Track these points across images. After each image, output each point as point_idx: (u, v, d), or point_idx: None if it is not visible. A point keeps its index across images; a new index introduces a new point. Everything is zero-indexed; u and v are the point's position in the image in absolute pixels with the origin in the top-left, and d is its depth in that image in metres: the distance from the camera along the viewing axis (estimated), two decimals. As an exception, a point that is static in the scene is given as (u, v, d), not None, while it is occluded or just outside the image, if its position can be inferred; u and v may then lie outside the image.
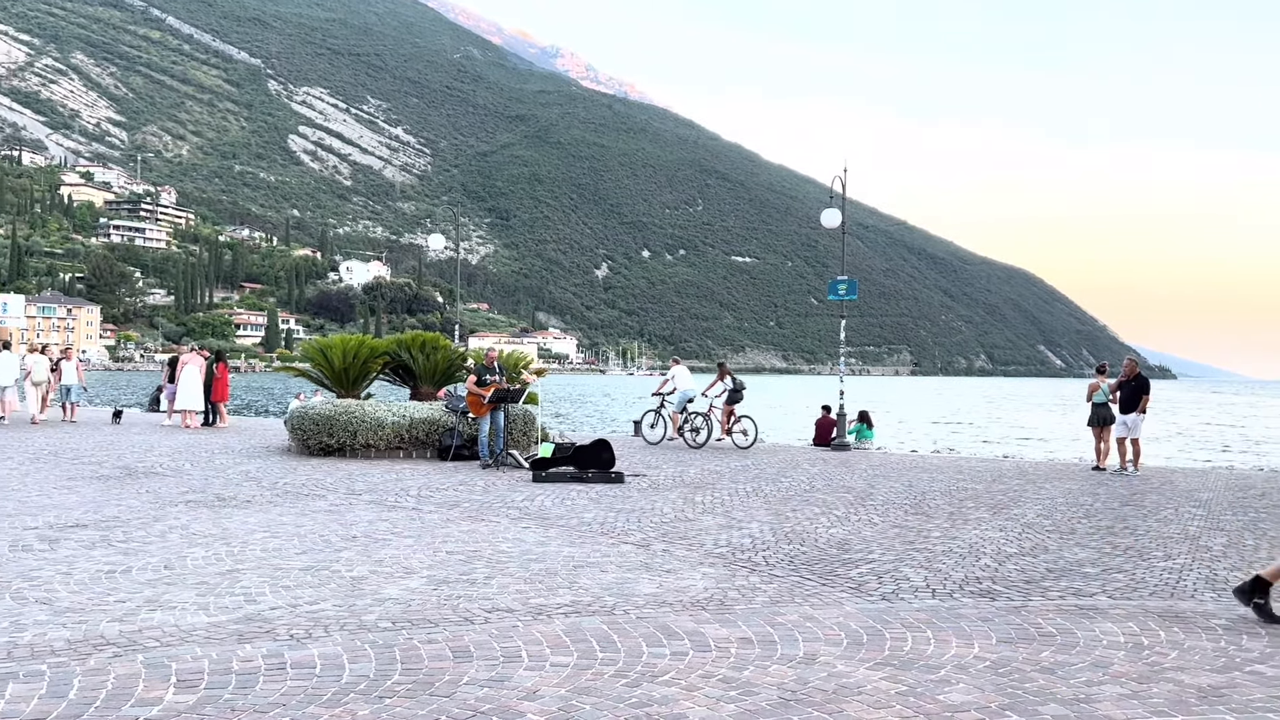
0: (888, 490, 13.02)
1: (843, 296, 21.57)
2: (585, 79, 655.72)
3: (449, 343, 19.88)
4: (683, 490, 12.55)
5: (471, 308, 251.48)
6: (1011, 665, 5.09)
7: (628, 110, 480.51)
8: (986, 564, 8.12)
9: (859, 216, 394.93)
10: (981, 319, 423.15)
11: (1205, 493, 13.54)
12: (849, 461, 17.30)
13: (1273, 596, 6.26)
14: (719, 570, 7.61)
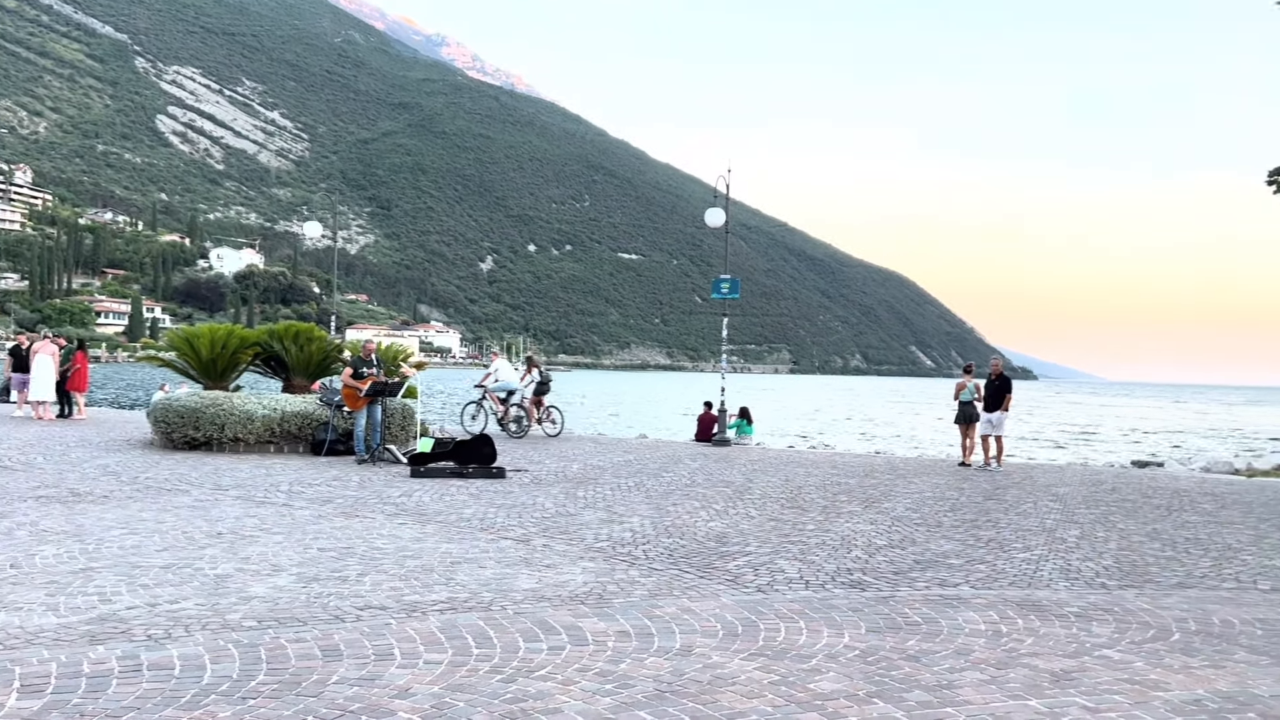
0: (765, 484, 13.26)
1: (725, 295, 21.87)
2: (471, 69, 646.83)
3: (325, 334, 19.33)
4: (565, 485, 12.51)
5: (350, 299, 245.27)
6: (879, 654, 5.24)
7: (515, 102, 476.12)
8: (858, 556, 8.35)
9: (742, 217, 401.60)
10: (857, 320, 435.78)
11: (1062, 487, 14.25)
12: (729, 457, 17.55)
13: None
14: (599, 565, 7.61)
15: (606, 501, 11.14)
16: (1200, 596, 7.15)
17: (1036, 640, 5.63)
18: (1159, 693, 4.65)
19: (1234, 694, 4.66)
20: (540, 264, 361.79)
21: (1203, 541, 9.69)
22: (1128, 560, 8.58)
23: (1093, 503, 12.50)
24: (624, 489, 12.34)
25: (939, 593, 6.98)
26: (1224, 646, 5.61)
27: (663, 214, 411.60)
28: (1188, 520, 11.14)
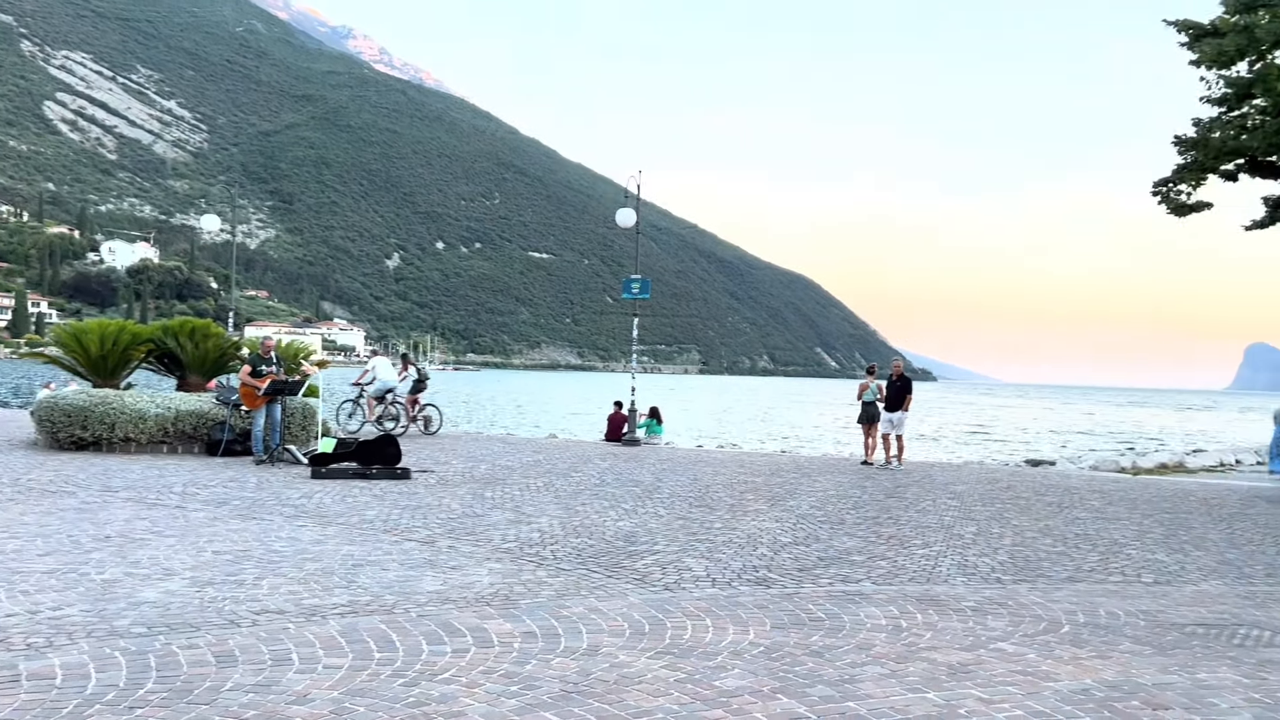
0: (674, 484, 13.32)
1: (636, 295, 21.92)
2: (378, 62, 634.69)
3: (222, 330, 18.74)
4: (472, 486, 12.36)
5: (249, 295, 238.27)
6: (784, 649, 5.30)
7: (423, 97, 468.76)
8: (763, 553, 8.45)
9: (653, 218, 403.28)
10: (765, 321, 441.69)
11: (959, 485, 14.66)
12: (639, 456, 17.59)
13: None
14: (506, 565, 7.53)
15: (514, 502, 11.05)
16: (1089, 590, 7.43)
17: (935, 634, 5.77)
18: (1050, 683, 4.81)
19: (1119, 683, 4.84)
20: (449, 262, 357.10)
21: (1091, 537, 10.08)
22: (1021, 556, 8.87)
23: (989, 500, 12.90)
24: (532, 489, 12.26)
25: (842, 589, 7.10)
26: (1110, 638, 5.83)
27: (574, 213, 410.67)
28: (1077, 517, 11.58)
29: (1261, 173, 15.13)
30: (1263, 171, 15.10)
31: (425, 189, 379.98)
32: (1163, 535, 10.36)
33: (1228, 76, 14.90)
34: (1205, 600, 7.16)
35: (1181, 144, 15.47)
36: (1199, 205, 15.67)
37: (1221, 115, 15.16)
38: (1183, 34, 15.25)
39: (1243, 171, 15.18)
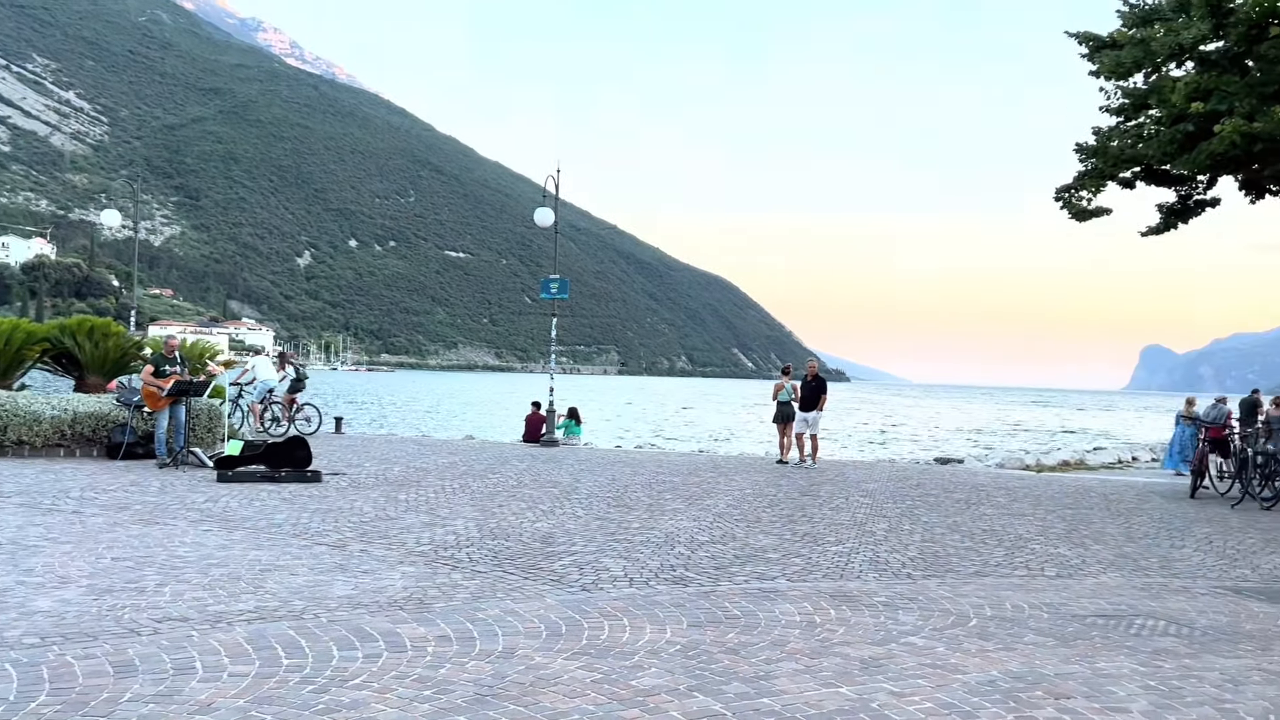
0: (592, 484, 13.30)
1: (555, 295, 21.83)
2: (289, 56, 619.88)
3: (123, 329, 18.11)
4: (385, 488, 12.15)
5: (153, 293, 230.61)
6: (700, 647, 5.32)
7: (335, 93, 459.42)
8: (681, 552, 8.48)
9: (571, 218, 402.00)
10: (683, 322, 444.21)
11: (871, 483, 14.96)
12: (557, 457, 17.51)
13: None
14: (420, 569, 7.41)
15: (429, 504, 10.89)
16: (995, 584, 7.63)
17: (848, 629, 5.86)
18: (958, 675, 4.92)
19: (1024, 674, 4.98)
20: (362, 260, 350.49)
21: (997, 532, 10.37)
22: (931, 551, 9.07)
23: (899, 498, 13.18)
24: (448, 491, 12.10)
25: (758, 586, 7.16)
26: (1015, 630, 6.00)
27: (492, 212, 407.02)
28: (984, 513, 11.90)
29: (1156, 181, 15.76)
30: (1157, 179, 15.73)
31: (338, 186, 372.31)
32: (1065, 530, 10.71)
33: (1125, 87, 15.48)
34: (1104, 592, 7.41)
35: (1082, 152, 16.02)
36: (1099, 211, 16.23)
37: (1119, 125, 15.75)
38: (1083, 46, 15.80)
39: (1139, 179, 15.80)
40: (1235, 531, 11.01)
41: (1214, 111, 13.53)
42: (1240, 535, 10.75)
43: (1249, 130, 12.90)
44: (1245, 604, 7.11)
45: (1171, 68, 14.90)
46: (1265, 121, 12.86)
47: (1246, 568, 8.83)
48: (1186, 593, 7.50)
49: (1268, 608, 6.98)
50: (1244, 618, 6.62)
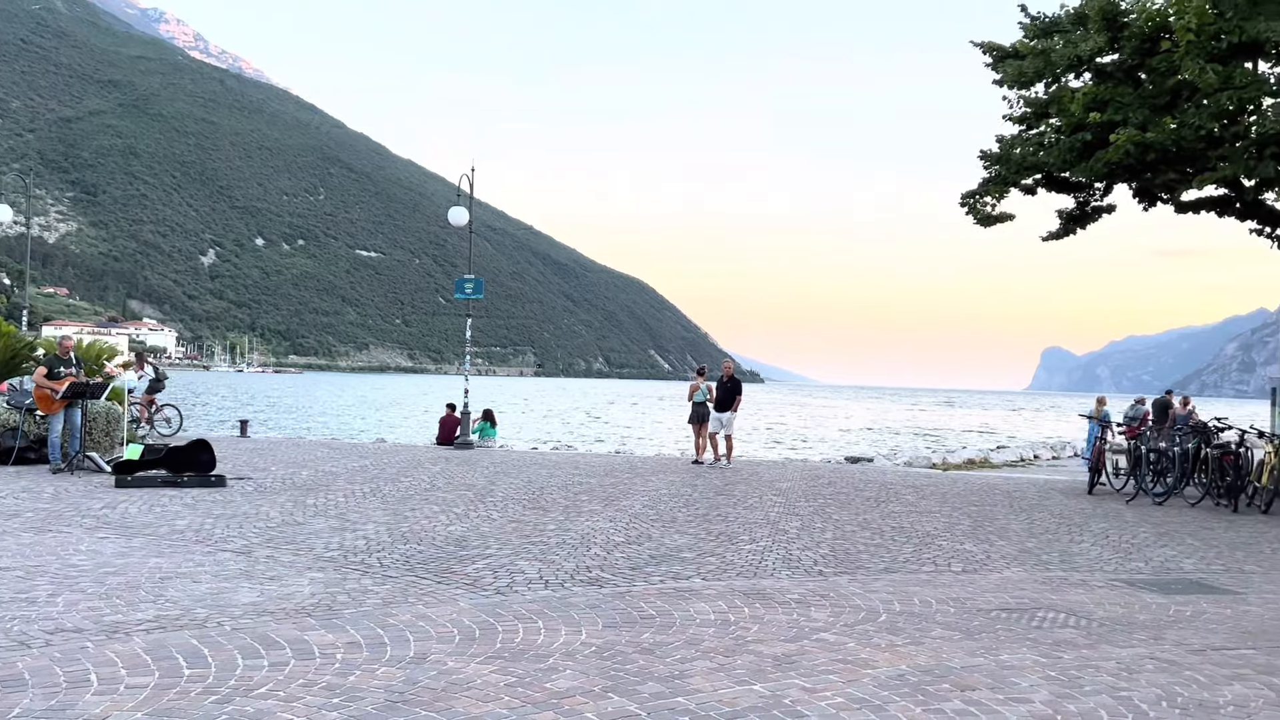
0: (508, 486, 13.19)
1: (469, 295, 21.60)
2: (193, 49, 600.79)
3: (13, 329, 17.32)
4: (293, 493, 11.86)
5: (47, 292, 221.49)
6: (615, 648, 5.31)
7: (242, 87, 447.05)
8: (596, 553, 8.46)
9: (487, 218, 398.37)
10: (600, 324, 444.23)
11: (784, 483, 15.16)
12: (471, 460, 17.33)
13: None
14: (329, 574, 7.25)
15: (339, 509, 10.66)
16: (904, 580, 7.80)
17: (761, 627, 5.92)
18: (868, 670, 5.00)
19: (931, 668, 5.09)
20: (269, 259, 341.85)
21: (906, 530, 10.61)
22: (842, 549, 9.23)
23: (811, 496, 13.38)
24: (358, 495, 11.87)
25: (673, 586, 7.19)
26: (923, 625, 6.13)
27: (404, 211, 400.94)
28: (893, 510, 12.16)
29: (1056, 187, 16.32)
30: (1057, 186, 16.29)
31: (244, 183, 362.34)
32: (970, 527, 11.01)
33: (1027, 97, 16.00)
34: (1008, 587, 7.64)
35: (986, 159, 16.50)
36: (1002, 216, 16.74)
37: (1021, 133, 16.26)
38: (987, 55, 16.27)
39: (1040, 186, 16.33)
40: (1130, 526, 11.46)
41: (1110, 121, 14.07)
42: (1134, 529, 11.19)
43: (1142, 140, 13.45)
44: (1139, 595, 7.40)
45: (1070, 78, 15.44)
46: (1157, 132, 13.42)
47: (1140, 560, 9.20)
48: (1085, 586, 7.77)
49: (1159, 598, 7.28)
50: (1138, 609, 6.88)
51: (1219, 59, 13.04)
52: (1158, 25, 13.96)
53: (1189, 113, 13.40)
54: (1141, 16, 14.20)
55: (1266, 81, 13.22)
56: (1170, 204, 15.65)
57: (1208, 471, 13.87)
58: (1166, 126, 13.44)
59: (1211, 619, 6.54)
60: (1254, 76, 13.26)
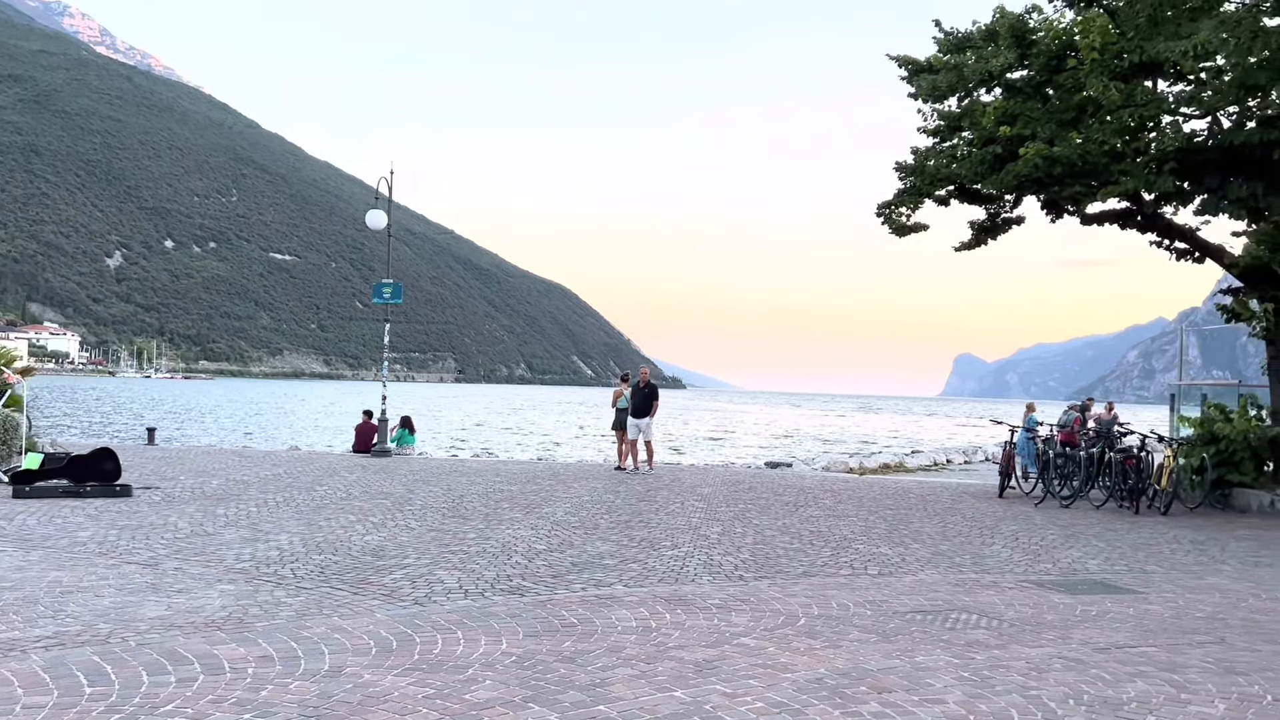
0: (427, 495, 13.01)
1: (387, 300, 21.26)
2: (99, 44, 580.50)
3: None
4: (202, 503, 11.51)
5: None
6: (536, 658, 5.27)
7: (151, 85, 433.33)
8: (518, 562, 8.39)
9: (406, 222, 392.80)
10: (522, 330, 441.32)
11: (706, 488, 15.25)
12: (389, 467, 17.04)
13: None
14: (240, 586, 7.05)
15: (251, 519, 10.38)
16: (822, 583, 7.90)
17: (683, 633, 5.93)
18: (788, 674, 5.05)
19: (849, 670, 5.16)
20: (179, 262, 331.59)
21: (824, 534, 10.75)
22: (762, 553, 9.31)
23: (732, 501, 13.48)
24: (271, 505, 11.58)
25: (595, 593, 7.16)
26: (841, 628, 6.22)
27: (321, 214, 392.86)
28: (811, 515, 12.32)
29: (968, 199, 16.76)
30: (969, 198, 16.73)
31: (153, 183, 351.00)
32: (886, 530, 11.21)
33: (941, 110, 16.41)
34: (922, 589, 7.79)
35: (902, 170, 16.86)
36: (917, 226, 17.12)
37: (935, 145, 16.67)
38: (903, 69, 16.65)
39: (953, 197, 16.75)
40: (1039, 528, 11.81)
41: (1020, 135, 14.51)
42: (1043, 532, 11.53)
43: (1049, 154, 13.89)
44: (1047, 596, 7.62)
45: (982, 93, 15.88)
46: (1064, 146, 13.88)
47: (1048, 562, 9.47)
48: (996, 587, 7.97)
49: (1067, 599, 7.50)
50: (1046, 609, 7.08)
51: (1121, 77, 13.55)
52: (1064, 44, 14.45)
53: (1094, 128, 13.89)
54: (1049, 35, 14.68)
55: (1165, 100, 13.78)
56: (1076, 216, 16.18)
57: (1111, 475, 14.36)
58: (1073, 141, 13.91)
59: (1115, 618, 6.76)
60: (1154, 95, 13.81)
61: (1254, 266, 15.17)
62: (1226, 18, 12.23)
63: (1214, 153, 12.72)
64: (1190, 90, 13.84)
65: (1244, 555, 10.01)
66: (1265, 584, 8.32)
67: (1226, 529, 11.98)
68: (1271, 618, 6.86)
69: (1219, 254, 15.81)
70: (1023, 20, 14.80)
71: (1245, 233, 15.71)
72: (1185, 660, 5.50)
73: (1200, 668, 5.34)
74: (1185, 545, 10.62)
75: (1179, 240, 15.89)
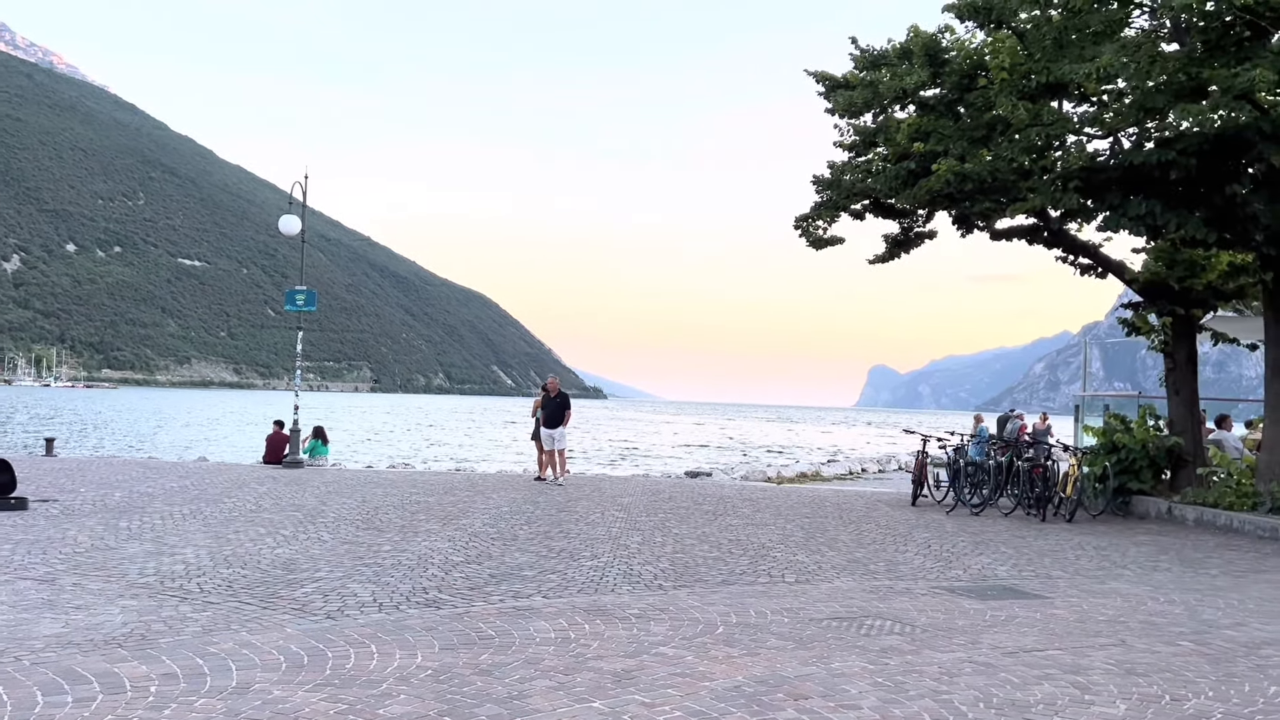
0: (340, 506, 12.74)
1: (301, 308, 20.81)
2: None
3: None
4: (104, 516, 11.09)
5: None
6: (452, 671, 5.18)
7: (53, 83, 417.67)
8: (434, 574, 8.26)
9: (321, 228, 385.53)
10: (441, 339, 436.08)
11: (626, 497, 15.24)
12: (301, 479, 16.66)
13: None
14: (143, 602, 6.80)
15: (155, 532, 10.04)
16: (740, 592, 7.95)
17: (601, 643, 5.90)
18: (706, 683, 5.06)
19: (766, 678, 5.20)
20: (82, 266, 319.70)
21: (742, 542, 10.83)
22: (681, 562, 9.33)
23: (652, 511, 13.50)
24: (177, 517, 11.21)
25: (513, 605, 7.09)
26: (759, 636, 6.26)
27: (232, 219, 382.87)
28: (731, 524, 12.40)
29: (883, 213, 17.10)
30: (884, 212, 17.07)
31: (54, 185, 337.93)
32: (803, 538, 11.35)
33: (856, 125, 16.73)
34: (838, 596, 7.90)
35: (819, 184, 17.14)
36: (833, 240, 17.40)
37: (851, 159, 16.98)
38: (820, 84, 16.94)
39: (868, 211, 17.07)
40: (950, 536, 12.08)
41: (932, 152, 14.87)
42: (954, 539, 11.80)
43: (961, 170, 14.26)
44: (958, 601, 7.79)
45: (896, 110, 16.24)
46: (974, 163, 14.27)
47: (959, 568, 9.69)
48: (909, 594, 8.12)
49: (977, 604, 7.68)
50: (957, 614, 7.24)
51: (1029, 97, 13.99)
52: (975, 63, 14.86)
53: (1003, 146, 14.31)
54: (960, 54, 15.08)
55: (1070, 120, 14.26)
56: (986, 231, 16.63)
57: (1019, 483, 14.78)
58: (983, 158, 14.31)
59: (1023, 622, 6.95)
60: (1059, 115, 14.29)
61: (1152, 282, 15.81)
62: (1127, 43, 12.73)
63: (1115, 171, 13.20)
64: (1093, 111, 14.35)
65: (1143, 560, 10.39)
66: (1163, 588, 8.64)
67: (1127, 535, 12.42)
68: (1169, 620, 7.12)
69: (1120, 269, 16.42)
70: (936, 40, 15.19)
71: (1144, 249, 16.36)
72: (1089, 663, 5.67)
73: (1103, 669, 5.51)
74: (1089, 551, 10.97)
75: (1083, 256, 16.46)
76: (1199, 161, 12.28)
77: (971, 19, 14.43)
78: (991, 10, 14.07)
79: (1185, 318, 15.88)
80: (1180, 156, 12.20)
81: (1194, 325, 16.12)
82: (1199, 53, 12.06)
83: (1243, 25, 11.92)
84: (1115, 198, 13.16)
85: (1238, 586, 8.79)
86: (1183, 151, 12.23)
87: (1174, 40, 13.13)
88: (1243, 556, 10.72)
